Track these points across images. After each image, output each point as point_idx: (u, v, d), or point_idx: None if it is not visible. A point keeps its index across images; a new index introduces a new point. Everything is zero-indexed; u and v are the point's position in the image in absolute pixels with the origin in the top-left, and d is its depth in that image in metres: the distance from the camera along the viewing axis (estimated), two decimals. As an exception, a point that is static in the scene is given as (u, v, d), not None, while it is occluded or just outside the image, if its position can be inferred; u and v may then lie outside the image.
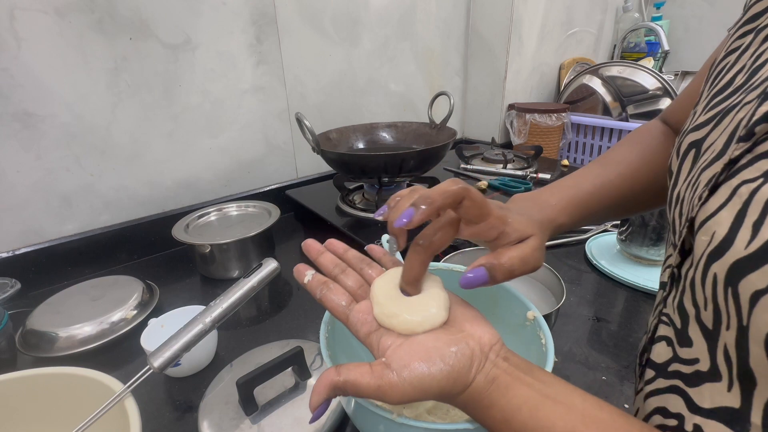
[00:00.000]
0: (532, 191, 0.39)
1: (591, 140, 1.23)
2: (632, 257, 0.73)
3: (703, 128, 0.27)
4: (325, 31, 0.95)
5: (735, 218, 0.20)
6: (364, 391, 0.25)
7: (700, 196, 0.23)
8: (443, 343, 0.26)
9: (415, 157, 0.74)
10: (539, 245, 0.31)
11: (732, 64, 0.28)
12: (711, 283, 0.21)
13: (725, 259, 0.20)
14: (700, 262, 0.22)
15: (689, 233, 0.25)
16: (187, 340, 0.39)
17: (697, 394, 0.24)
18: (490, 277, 0.29)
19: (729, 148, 0.23)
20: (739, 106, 0.24)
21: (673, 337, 0.26)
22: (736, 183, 0.21)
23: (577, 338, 0.56)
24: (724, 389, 0.22)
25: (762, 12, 0.27)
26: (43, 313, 0.59)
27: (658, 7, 1.66)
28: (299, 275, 0.33)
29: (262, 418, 0.43)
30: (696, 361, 0.24)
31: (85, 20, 0.67)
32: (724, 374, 0.22)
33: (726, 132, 0.24)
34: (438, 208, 0.27)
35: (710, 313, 0.22)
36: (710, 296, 0.22)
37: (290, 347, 0.46)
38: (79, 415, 0.34)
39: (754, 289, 0.19)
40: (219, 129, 0.86)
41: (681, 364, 0.25)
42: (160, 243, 0.81)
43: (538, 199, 0.37)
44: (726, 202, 0.21)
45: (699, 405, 0.23)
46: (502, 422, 0.24)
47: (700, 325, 0.23)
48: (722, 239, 0.21)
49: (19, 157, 0.66)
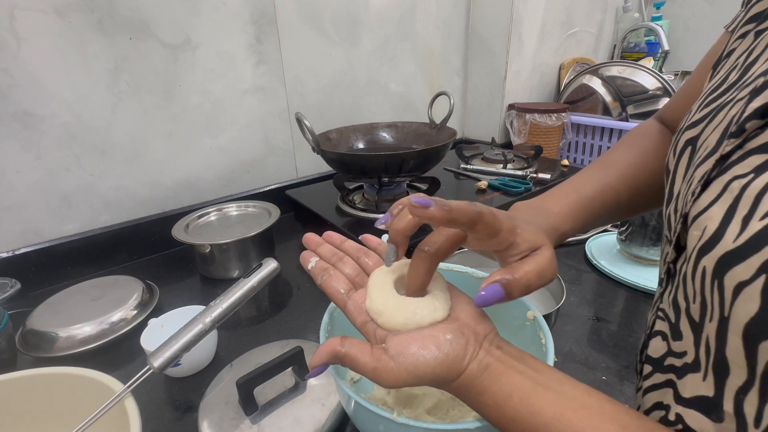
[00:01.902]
0: (533, 199, 0.38)
1: (591, 140, 1.23)
2: (632, 257, 0.73)
3: (698, 125, 0.27)
4: (325, 31, 0.95)
5: (726, 213, 0.21)
6: (361, 369, 0.26)
7: (693, 192, 0.24)
8: (439, 330, 0.27)
9: (415, 157, 0.74)
10: (552, 256, 0.29)
11: (727, 62, 0.28)
12: (700, 277, 0.22)
13: (714, 253, 0.21)
14: (692, 257, 0.23)
15: (683, 229, 0.25)
16: (187, 340, 0.39)
17: (681, 385, 0.24)
18: (507, 294, 0.27)
19: (721, 145, 0.23)
20: (731, 103, 0.24)
21: (667, 331, 0.27)
22: (727, 179, 0.21)
23: (577, 338, 0.56)
24: (701, 378, 0.22)
25: (761, 12, 0.28)
26: (43, 313, 0.59)
27: (658, 7, 1.66)
28: (304, 261, 0.34)
29: (262, 418, 0.43)
30: (684, 353, 0.24)
31: (85, 20, 0.67)
32: (703, 364, 0.22)
33: (719, 128, 0.24)
34: (449, 220, 0.25)
35: (698, 305, 0.22)
36: (699, 289, 0.22)
37: (290, 347, 0.46)
38: (79, 415, 0.34)
39: (738, 281, 0.19)
40: (219, 129, 0.86)
41: (674, 358, 0.26)
42: (160, 243, 0.81)
43: (540, 207, 0.37)
44: (717, 198, 0.21)
45: (682, 395, 0.24)
46: (494, 408, 0.25)
47: (689, 318, 0.24)
48: (713, 234, 0.21)
49: (19, 157, 0.66)
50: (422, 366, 0.25)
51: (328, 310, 0.40)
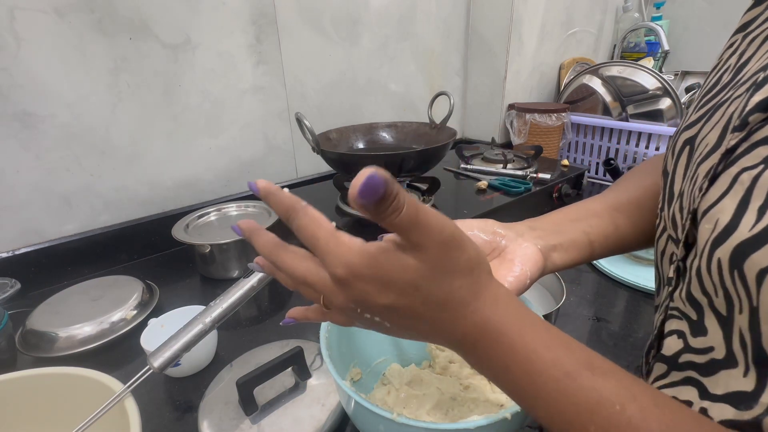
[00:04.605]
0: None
1: (591, 140, 1.23)
2: (632, 257, 0.73)
3: (695, 125, 0.27)
4: (325, 31, 0.95)
5: (738, 204, 0.21)
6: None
7: (700, 188, 0.24)
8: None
9: (415, 157, 0.74)
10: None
11: (720, 66, 0.29)
12: (716, 269, 0.22)
13: (728, 243, 0.21)
14: (704, 251, 0.23)
15: (692, 225, 0.25)
16: (187, 340, 0.38)
17: (711, 382, 0.24)
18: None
19: (724, 139, 0.23)
20: (729, 101, 0.25)
21: (685, 329, 0.26)
22: (735, 171, 0.22)
23: (577, 338, 0.55)
24: (740, 375, 0.22)
25: (751, 21, 0.29)
26: (42, 313, 0.59)
27: (658, 7, 1.66)
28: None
29: (262, 418, 0.43)
30: (710, 349, 0.24)
31: (85, 20, 0.67)
32: (740, 360, 0.22)
33: (719, 126, 0.25)
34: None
35: (722, 299, 0.22)
36: (718, 282, 0.22)
37: (290, 347, 0.46)
38: (79, 415, 0.34)
39: (758, 268, 0.19)
40: (219, 129, 0.86)
41: (693, 354, 0.25)
42: (160, 243, 0.81)
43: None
44: (728, 190, 0.22)
45: (712, 392, 0.23)
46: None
47: (715, 313, 0.23)
48: (726, 225, 0.21)
49: (19, 157, 0.66)
50: (464, 238, 0.23)
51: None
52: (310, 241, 0.23)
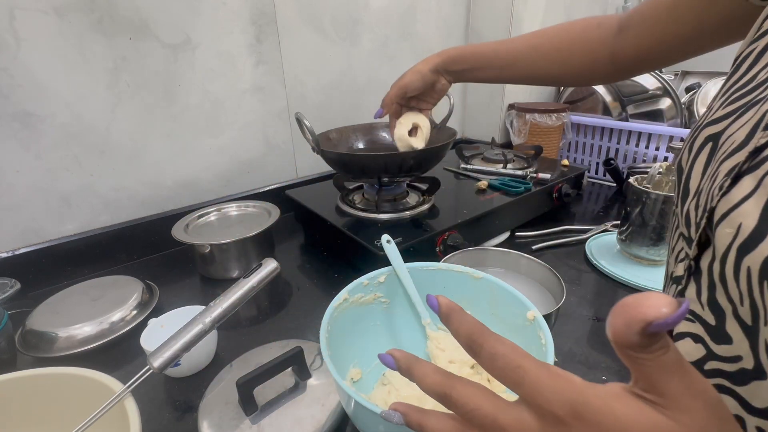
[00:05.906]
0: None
1: (591, 140, 1.23)
2: (632, 257, 0.73)
3: (722, 122, 0.26)
4: (325, 31, 0.95)
5: (763, 209, 0.20)
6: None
7: (720, 186, 0.23)
8: None
9: (415, 157, 0.74)
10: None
11: (754, 62, 0.27)
12: (745, 278, 0.21)
13: (759, 252, 0.20)
14: (728, 256, 0.22)
15: (708, 224, 0.24)
16: (187, 340, 0.39)
17: (747, 392, 0.23)
18: None
19: (753, 138, 0.22)
20: (764, 100, 0.24)
21: (703, 334, 0.25)
22: (761, 173, 0.20)
23: (577, 338, 0.56)
24: None
25: None
26: (42, 313, 0.59)
27: (658, 7, 1.65)
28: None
29: (262, 418, 0.43)
30: (739, 358, 0.23)
31: (85, 20, 0.67)
32: None
33: (749, 124, 0.23)
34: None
35: (747, 308, 0.21)
36: (746, 291, 0.21)
37: (290, 347, 0.46)
38: (79, 415, 0.34)
39: None
40: (219, 129, 0.86)
41: (721, 362, 0.24)
42: (160, 243, 0.81)
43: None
44: (752, 193, 0.21)
45: (752, 405, 0.23)
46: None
47: (739, 322, 0.23)
48: (752, 231, 0.20)
49: (19, 157, 0.66)
50: None
51: (329, 310, 0.40)
52: (512, 372, 0.20)
